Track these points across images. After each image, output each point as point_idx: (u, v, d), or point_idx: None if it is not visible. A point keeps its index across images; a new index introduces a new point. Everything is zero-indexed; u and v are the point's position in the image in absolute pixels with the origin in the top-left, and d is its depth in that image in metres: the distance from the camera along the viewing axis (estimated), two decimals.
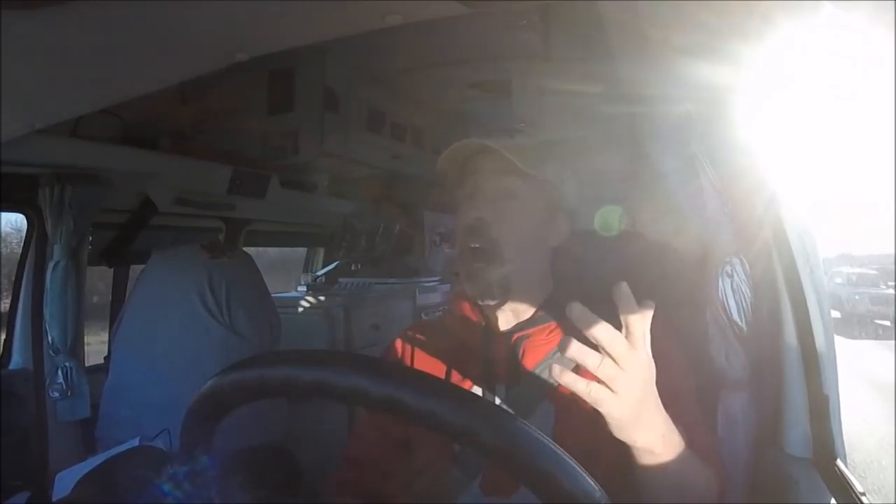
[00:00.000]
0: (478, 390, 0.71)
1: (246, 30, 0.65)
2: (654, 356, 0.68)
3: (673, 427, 0.55)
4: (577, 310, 0.48)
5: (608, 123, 1.22)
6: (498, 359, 0.72)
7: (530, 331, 0.73)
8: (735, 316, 0.71)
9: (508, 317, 0.75)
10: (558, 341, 0.71)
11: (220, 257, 1.31)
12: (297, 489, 1.24)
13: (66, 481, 0.91)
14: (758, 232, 0.68)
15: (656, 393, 0.53)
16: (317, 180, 1.99)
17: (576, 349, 0.48)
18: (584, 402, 0.65)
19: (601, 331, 0.48)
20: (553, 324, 0.73)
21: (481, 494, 0.65)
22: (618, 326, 0.71)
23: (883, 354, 6.78)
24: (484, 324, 0.75)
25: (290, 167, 1.73)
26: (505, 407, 0.68)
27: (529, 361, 0.71)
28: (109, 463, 0.90)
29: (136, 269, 1.58)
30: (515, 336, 0.73)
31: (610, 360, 0.48)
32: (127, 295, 1.52)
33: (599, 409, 0.49)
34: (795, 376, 0.65)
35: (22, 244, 1.34)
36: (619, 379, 0.48)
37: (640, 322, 0.49)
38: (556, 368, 0.48)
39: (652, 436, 0.53)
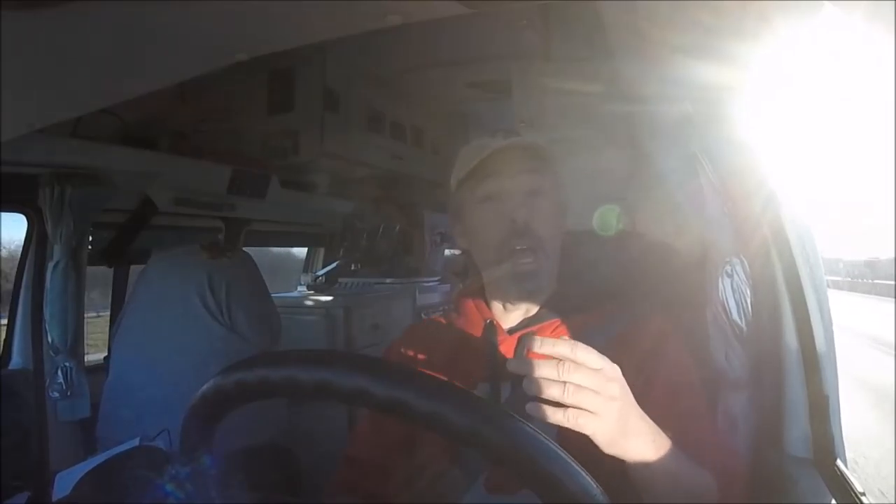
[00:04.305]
0: (483, 388, 0.71)
1: (246, 30, 0.65)
2: (655, 354, 0.68)
3: (660, 431, 0.55)
4: (535, 342, 0.49)
5: (608, 123, 1.22)
6: (503, 356, 0.72)
7: (535, 328, 0.73)
8: (735, 316, 0.71)
9: (516, 314, 0.75)
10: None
11: (220, 257, 1.31)
12: (297, 489, 1.24)
13: (66, 481, 0.91)
14: (757, 232, 0.68)
15: (635, 403, 0.54)
16: (317, 180, 1.99)
17: (537, 384, 0.49)
18: None
19: (560, 349, 0.49)
20: (557, 320, 0.73)
21: (485, 493, 0.65)
22: (618, 325, 0.72)
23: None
24: (489, 321, 0.75)
25: (290, 167, 1.73)
26: (510, 405, 0.68)
27: (535, 359, 0.71)
28: (109, 463, 0.90)
29: (136, 270, 1.58)
30: (521, 333, 0.72)
31: (573, 385, 0.49)
32: (127, 295, 1.52)
33: (585, 433, 0.49)
34: (795, 376, 0.65)
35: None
36: (591, 400, 0.49)
37: (582, 350, 0.50)
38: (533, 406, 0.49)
39: (641, 444, 0.53)
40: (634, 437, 0.52)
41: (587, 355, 0.50)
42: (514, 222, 0.71)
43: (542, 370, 0.49)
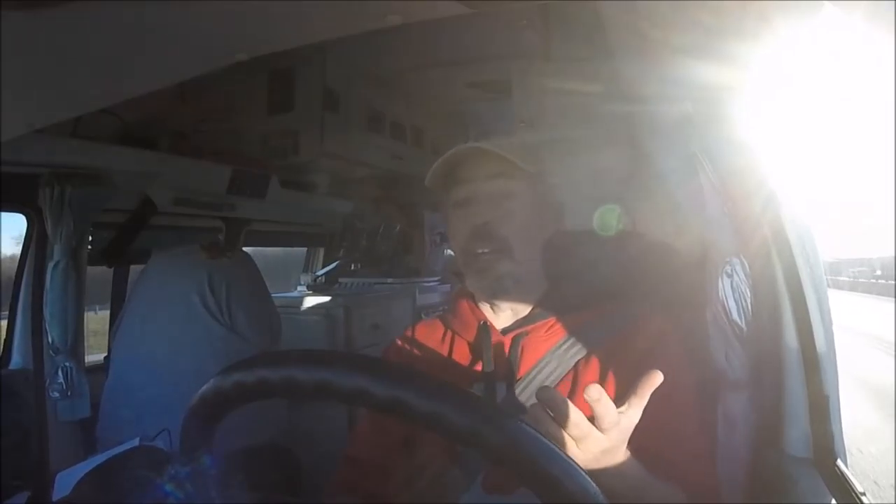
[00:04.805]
0: (478, 389, 0.71)
1: (246, 30, 0.65)
2: (652, 355, 0.68)
3: (633, 466, 0.56)
4: (594, 393, 0.49)
5: (608, 123, 1.22)
6: (497, 357, 0.72)
7: (529, 328, 0.73)
8: (735, 316, 0.71)
9: (508, 315, 0.76)
10: (558, 339, 0.72)
11: (220, 257, 1.31)
12: (297, 489, 1.24)
13: (66, 481, 0.91)
14: (757, 232, 0.68)
15: (625, 443, 0.54)
16: (317, 180, 1.99)
17: (562, 407, 0.50)
18: (584, 401, 0.65)
19: (604, 408, 0.50)
20: (551, 320, 0.73)
21: (483, 493, 0.65)
22: (616, 324, 0.72)
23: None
24: (483, 322, 0.76)
25: (290, 167, 1.73)
26: (505, 405, 0.69)
27: (529, 359, 0.71)
28: (109, 463, 0.90)
29: (136, 270, 1.58)
30: (514, 333, 0.73)
31: (587, 423, 0.51)
32: (127, 295, 1.52)
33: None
34: (795, 376, 0.65)
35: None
36: (589, 438, 0.51)
37: (611, 416, 0.51)
38: (595, 392, 0.49)
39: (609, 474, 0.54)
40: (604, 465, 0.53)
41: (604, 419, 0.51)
42: (475, 227, 0.72)
43: (563, 414, 0.51)
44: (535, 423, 0.49)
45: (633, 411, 0.53)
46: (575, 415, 0.49)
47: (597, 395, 0.49)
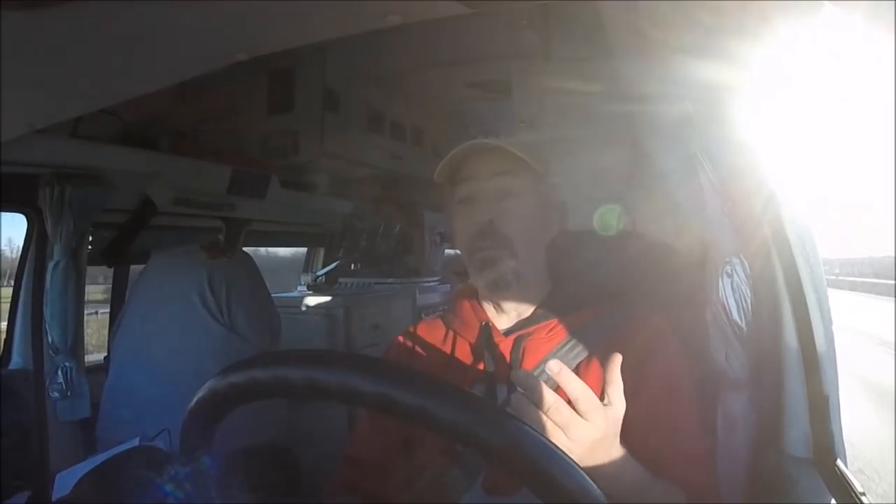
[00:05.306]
0: (479, 389, 0.71)
1: (246, 30, 0.65)
2: (651, 354, 0.69)
3: (631, 464, 0.57)
4: (555, 366, 0.51)
5: (608, 123, 1.22)
6: (499, 358, 0.72)
7: (531, 329, 0.73)
8: (735, 316, 0.71)
9: (510, 315, 0.75)
10: (559, 340, 0.72)
11: (219, 257, 1.31)
12: (297, 489, 1.24)
13: (66, 481, 0.91)
14: (757, 232, 0.68)
15: (617, 436, 0.55)
16: (317, 180, 1.99)
17: (534, 388, 0.50)
18: None
19: (573, 386, 0.51)
20: (554, 321, 0.73)
21: (483, 494, 0.65)
22: (616, 321, 0.72)
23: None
24: (484, 323, 0.75)
25: (290, 167, 1.73)
26: (505, 407, 0.69)
27: (530, 360, 0.71)
28: (109, 463, 0.90)
29: (136, 270, 1.58)
30: (516, 335, 0.73)
31: (566, 406, 0.50)
32: (127, 295, 1.52)
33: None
34: (795, 376, 0.65)
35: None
36: (572, 424, 0.50)
37: (586, 398, 0.51)
38: (555, 365, 0.51)
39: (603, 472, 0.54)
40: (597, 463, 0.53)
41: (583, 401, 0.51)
42: (479, 224, 0.72)
43: (571, 386, 0.51)
44: (518, 412, 0.50)
45: (616, 400, 0.53)
46: (551, 397, 0.50)
47: (557, 368, 0.50)
